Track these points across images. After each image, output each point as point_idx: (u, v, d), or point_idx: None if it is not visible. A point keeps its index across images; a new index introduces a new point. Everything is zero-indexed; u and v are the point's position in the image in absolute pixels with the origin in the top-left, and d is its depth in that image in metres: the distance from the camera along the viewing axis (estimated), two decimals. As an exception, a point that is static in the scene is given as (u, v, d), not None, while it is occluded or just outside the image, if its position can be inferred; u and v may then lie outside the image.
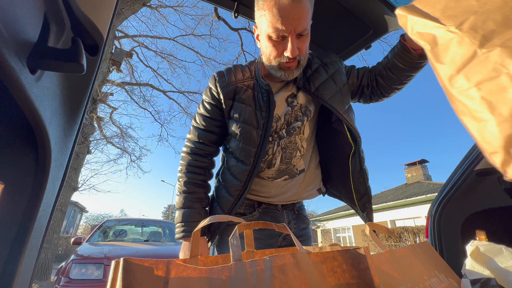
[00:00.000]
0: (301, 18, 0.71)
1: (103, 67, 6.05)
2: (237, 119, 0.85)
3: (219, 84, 0.87)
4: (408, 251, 0.52)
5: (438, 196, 1.22)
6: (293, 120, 0.89)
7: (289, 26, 0.71)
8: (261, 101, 0.85)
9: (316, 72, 0.90)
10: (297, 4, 0.69)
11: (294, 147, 0.89)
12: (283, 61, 0.77)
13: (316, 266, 0.34)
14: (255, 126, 0.83)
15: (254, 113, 0.84)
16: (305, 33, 0.75)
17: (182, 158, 0.94)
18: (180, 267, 0.32)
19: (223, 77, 0.88)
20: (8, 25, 0.23)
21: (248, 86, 0.87)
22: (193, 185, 0.89)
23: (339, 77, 0.92)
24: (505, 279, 0.46)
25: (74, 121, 0.45)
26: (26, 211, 0.35)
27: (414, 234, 10.50)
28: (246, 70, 0.91)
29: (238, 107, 0.86)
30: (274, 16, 0.71)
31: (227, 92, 0.87)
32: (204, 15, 10.22)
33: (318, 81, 0.88)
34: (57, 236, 5.82)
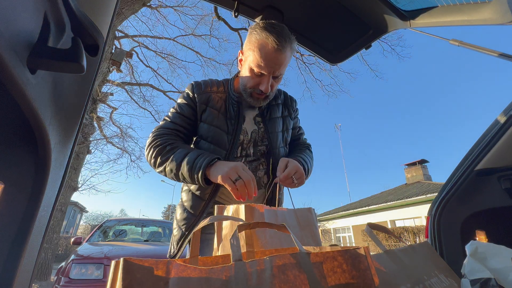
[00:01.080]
0: (280, 65, 0.85)
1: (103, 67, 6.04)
2: (210, 123, 0.93)
3: (196, 89, 0.97)
4: (408, 251, 0.52)
5: (438, 196, 1.22)
6: (259, 141, 0.98)
7: (269, 69, 0.85)
8: (232, 112, 0.95)
9: (276, 107, 1.05)
10: (280, 54, 0.82)
11: (258, 163, 0.98)
12: (255, 92, 0.90)
13: (316, 266, 0.34)
14: (226, 131, 0.92)
15: (225, 120, 0.94)
16: (280, 76, 0.90)
17: (150, 143, 0.89)
18: (180, 267, 0.32)
19: (200, 85, 0.99)
20: (8, 25, 0.23)
21: (221, 98, 0.98)
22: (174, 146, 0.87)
23: (288, 122, 1.08)
24: (505, 279, 0.46)
25: (74, 121, 0.45)
26: (26, 211, 0.35)
27: (414, 234, 10.50)
28: (220, 84, 1.01)
29: (210, 113, 0.94)
30: (260, 57, 0.83)
31: (202, 98, 0.96)
32: (204, 15, 10.21)
33: (274, 114, 1.03)
34: (57, 236, 5.81)
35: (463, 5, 0.90)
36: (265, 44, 0.82)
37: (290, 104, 1.11)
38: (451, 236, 1.12)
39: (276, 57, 0.83)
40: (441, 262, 0.55)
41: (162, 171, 0.86)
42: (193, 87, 0.99)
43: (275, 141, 0.99)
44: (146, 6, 6.93)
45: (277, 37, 0.81)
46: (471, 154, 1.15)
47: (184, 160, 0.81)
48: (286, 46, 0.83)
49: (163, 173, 0.86)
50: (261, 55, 0.83)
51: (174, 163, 0.82)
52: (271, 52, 0.82)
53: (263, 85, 0.87)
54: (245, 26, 8.44)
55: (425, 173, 16.26)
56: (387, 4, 1.02)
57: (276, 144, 0.99)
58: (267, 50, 0.82)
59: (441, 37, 1.06)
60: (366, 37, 1.18)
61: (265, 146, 0.98)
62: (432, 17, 0.99)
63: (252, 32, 0.87)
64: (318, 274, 0.34)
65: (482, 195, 1.13)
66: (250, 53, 0.87)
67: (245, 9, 1.17)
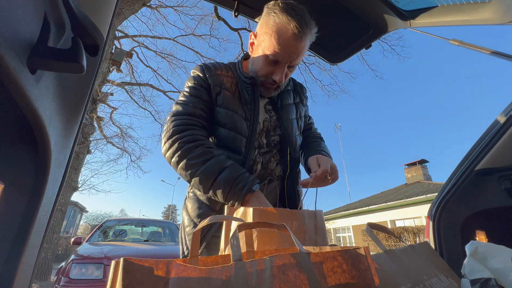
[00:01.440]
0: (298, 54, 0.76)
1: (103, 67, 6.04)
2: (227, 107, 0.83)
3: (207, 71, 0.87)
4: (408, 251, 0.52)
5: (438, 196, 1.22)
6: (272, 130, 0.90)
7: (287, 58, 0.76)
8: (246, 96, 0.86)
9: (287, 93, 0.97)
10: (299, 42, 0.74)
11: (271, 154, 0.90)
12: (267, 81, 0.82)
13: (316, 266, 0.34)
14: (244, 117, 0.84)
15: (241, 106, 0.85)
16: (295, 66, 0.81)
17: (173, 134, 0.75)
18: (180, 267, 0.32)
19: (210, 67, 0.88)
20: (8, 25, 0.23)
21: (232, 82, 0.88)
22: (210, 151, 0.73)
23: (300, 108, 1.00)
24: (505, 279, 0.46)
25: (74, 121, 0.45)
26: (26, 211, 0.35)
27: (414, 234, 10.50)
28: (228, 68, 0.92)
29: (226, 97, 0.84)
30: (277, 43, 0.74)
31: (215, 79, 0.86)
32: (204, 15, 10.22)
33: (285, 101, 0.95)
34: (57, 236, 5.82)
35: (463, 5, 0.89)
36: (285, 30, 0.72)
37: (300, 91, 1.03)
38: (451, 236, 1.12)
39: (295, 45, 0.74)
40: (441, 262, 0.55)
41: (185, 175, 0.72)
42: (203, 68, 0.88)
43: (290, 128, 0.91)
44: (146, 6, 6.93)
45: (299, 22, 0.71)
46: (471, 154, 1.15)
47: (219, 176, 0.69)
48: (307, 33, 0.74)
49: (186, 177, 0.73)
50: (278, 42, 0.74)
51: (207, 175, 0.70)
52: (291, 39, 0.73)
53: (277, 75, 0.79)
54: (245, 26, 8.44)
55: (425, 173, 16.26)
56: (387, 4, 1.02)
57: (292, 132, 0.91)
58: (286, 37, 0.73)
59: (441, 37, 1.06)
60: (366, 37, 1.18)
61: (278, 135, 0.90)
62: (432, 17, 0.99)
63: (270, 13, 0.76)
64: (318, 274, 0.34)
65: (482, 195, 1.13)
66: (265, 38, 0.77)
67: (245, 9, 1.17)
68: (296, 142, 0.93)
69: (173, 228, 5.00)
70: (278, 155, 0.91)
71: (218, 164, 0.71)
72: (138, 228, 5.15)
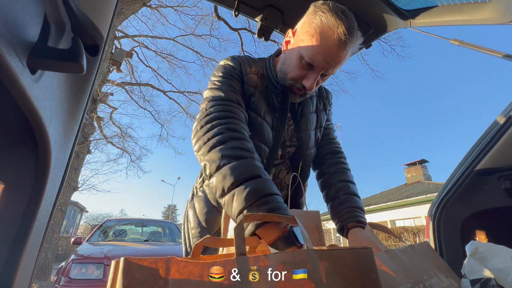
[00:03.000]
0: (338, 63, 0.69)
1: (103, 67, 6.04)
2: (258, 113, 0.76)
3: (243, 67, 0.78)
4: (408, 251, 0.52)
5: (438, 196, 1.22)
6: (288, 140, 0.85)
7: (324, 64, 0.68)
8: (275, 102, 0.79)
9: (310, 100, 0.89)
10: (342, 51, 0.66)
11: (283, 165, 0.86)
12: (296, 85, 0.74)
13: (322, 264, 0.34)
14: (271, 126, 0.78)
15: (270, 112, 0.79)
16: (329, 75, 0.74)
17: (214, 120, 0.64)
18: (181, 263, 0.32)
19: (246, 63, 0.80)
20: (8, 25, 0.23)
21: (263, 84, 0.80)
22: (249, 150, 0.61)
23: (322, 117, 0.93)
24: (505, 279, 0.46)
25: (74, 121, 0.45)
26: (26, 211, 0.35)
27: (414, 234, 10.50)
28: (259, 66, 0.82)
29: (258, 100, 0.77)
30: (318, 47, 0.66)
31: (251, 79, 0.78)
32: (204, 15, 10.21)
33: (306, 109, 0.87)
34: (57, 236, 5.82)
35: (464, 5, 0.89)
36: (330, 33, 0.65)
37: (326, 96, 0.95)
38: (451, 236, 1.12)
39: (337, 53, 0.66)
40: (441, 262, 0.55)
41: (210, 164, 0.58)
42: (239, 63, 0.78)
43: (307, 141, 0.85)
44: (146, 6, 6.93)
45: (348, 29, 0.64)
46: (471, 154, 1.15)
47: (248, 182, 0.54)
48: (353, 42, 0.67)
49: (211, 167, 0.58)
50: (320, 44, 0.66)
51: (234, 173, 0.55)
52: (335, 44, 0.65)
53: (309, 81, 0.71)
54: (245, 26, 8.43)
55: (425, 173, 16.26)
56: (387, 3, 1.02)
57: (307, 145, 0.85)
58: (330, 41, 0.65)
59: (441, 37, 1.06)
60: (367, 36, 1.18)
61: (294, 147, 0.85)
62: (433, 17, 0.99)
63: (317, 11, 0.68)
64: (323, 272, 0.34)
65: (482, 195, 1.13)
66: (305, 37, 0.69)
67: (246, 8, 1.17)
68: (310, 155, 0.88)
69: (173, 228, 5.00)
70: (289, 164, 0.87)
71: (253, 168, 0.57)
72: (138, 228, 5.15)
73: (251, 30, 8.23)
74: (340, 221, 0.76)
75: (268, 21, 1.17)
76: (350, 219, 0.73)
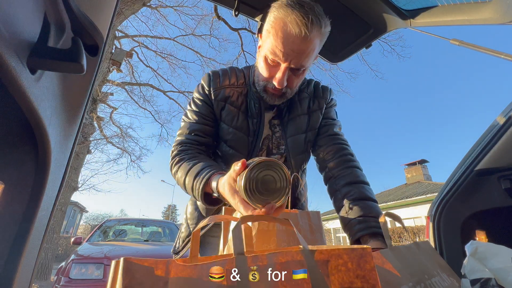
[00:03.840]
0: (302, 54, 0.66)
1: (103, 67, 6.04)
2: (229, 124, 0.81)
3: (213, 84, 0.83)
4: (412, 249, 0.52)
5: (438, 196, 1.22)
6: (274, 148, 0.85)
7: (286, 57, 0.66)
8: (253, 108, 0.82)
9: (299, 103, 0.86)
10: (303, 39, 0.63)
11: None
12: (269, 86, 0.74)
13: (320, 264, 0.34)
14: (246, 133, 0.81)
15: (246, 119, 0.81)
16: (302, 70, 0.71)
17: (173, 161, 0.77)
18: (180, 267, 0.32)
19: (218, 78, 0.84)
20: (8, 25, 0.23)
21: (241, 93, 0.83)
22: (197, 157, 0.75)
23: (315, 117, 0.87)
24: (505, 279, 0.46)
25: (74, 121, 0.45)
26: (26, 211, 0.35)
27: (414, 234, 10.50)
28: (241, 75, 0.86)
29: (229, 112, 0.82)
30: (277, 40, 0.65)
31: (220, 94, 0.82)
32: (204, 15, 10.22)
33: (294, 113, 0.85)
34: (57, 236, 5.82)
35: (464, 5, 0.89)
36: (283, 24, 0.63)
37: (321, 96, 0.90)
38: (451, 236, 1.12)
39: (298, 43, 0.64)
40: (442, 261, 0.55)
41: (181, 187, 0.74)
42: (210, 80, 0.84)
43: (295, 146, 0.84)
44: (146, 6, 6.93)
45: (301, 16, 0.62)
46: (471, 154, 1.15)
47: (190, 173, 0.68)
48: (312, 29, 0.63)
49: (182, 188, 0.73)
50: (277, 38, 0.65)
51: (185, 177, 0.69)
52: (292, 35, 0.63)
53: (277, 78, 0.69)
54: (245, 26, 8.43)
55: (425, 173, 16.26)
56: (387, 3, 1.02)
57: (296, 150, 0.84)
58: (287, 33, 0.63)
59: (441, 37, 1.06)
60: (367, 36, 1.18)
61: (281, 154, 0.85)
62: (433, 17, 0.99)
63: (272, 9, 0.69)
64: (322, 272, 0.33)
65: (482, 195, 1.13)
66: (265, 37, 0.70)
67: (246, 8, 1.17)
68: (300, 161, 0.86)
69: (173, 228, 5.00)
70: None
71: (194, 165, 0.69)
72: (138, 228, 5.15)
73: (251, 30, 8.24)
74: (352, 234, 0.67)
75: (268, 21, 1.17)
76: (362, 231, 0.65)
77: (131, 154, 10.58)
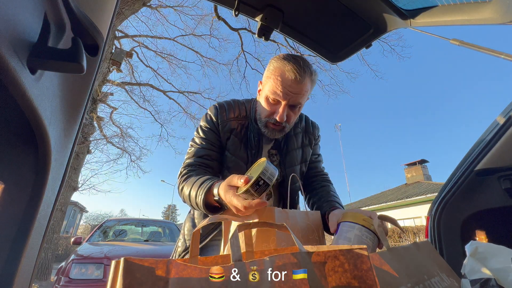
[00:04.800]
0: (298, 94, 0.82)
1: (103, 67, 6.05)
2: (232, 153, 0.92)
3: (220, 117, 0.94)
4: (411, 249, 0.52)
5: (438, 196, 1.22)
6: None
7: (285, 96, 0.82)
8: (252, 141, 0.93)
9: (295, 138, 1.00)
10: (298, 83, 0.80)
11: None
12: (270, 121, 0.86)
13: (317, 266, 0.34)
14: (245, 162, 0.91)
15: (245, 150, 0.92)
16: (298, 107, 0.86)
17: (180, 179, 0.86)
18: (180, 266, 0.32)
19: (224, 112, 0.95)
20: (8, 25, 0.23)
21: (243, 125, 0.95)
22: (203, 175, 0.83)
23: (307, 152, 1.03)
24: (505, 279, 0.46)
25: (74, 121, 0.45)
26: (26, 211, 0.35)
27: (414, 234, 10.50)
28: (242, 108, 0.98)
29: (233, 142, 0.92)
30: (277, 84, 0.82)
31: (226, 126, 0.93)
32: (204, 15, 10.20)
33: (291, 147, 0.98)
34: (57, 236, 5.82)
35: (464, 5, 0.89)
36: (282, 72, 0.81)
37: (311, 132, 1.06)
38: (451, 236, 1.12)
39: (293, 86, 0.81)
40: (442, 262, 0.55)
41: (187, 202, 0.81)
42: (217, 112, 0.95)
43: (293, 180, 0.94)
44: (146, 6, 6.93)
45: (296, 66, 0.80)
46: (471, 154, 1.15)
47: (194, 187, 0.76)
48: (304, 76, 0.81)
49: (188, 203, 0.81)
50: (277, 81, 0.82)
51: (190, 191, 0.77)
52: (289, 80, 0.80)
53: (278, 113, 0.84)
54: (245, 26, 8.43)
55: (425, 173, 16.26)
56: (387, 3, 1.02)
57: (292, 180, 0.93)
58: (284, 78, 0.81)
59: (441, 37, 1.06)
60: (367, 36, 1.18)
61: (277, 181, 0.94)
62: (433, 17, 0.99)
63: (271, 61, 0.87)
64: (318, 274, 0.34)
65: (482, 195, 1.13)
66: (266, 82, 0.86)
67: (246, 8, 1.17)
68: (296, 189, 0.98)
69: (173, 228, 5.00)
70: (277, 194, 0.96)
71: (199, 179, 0.77)
72: (138, 228, 5.15)
73: (251, 30, 8.23)
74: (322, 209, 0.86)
75: (268, 21, 1.17)
76: (327, 207, 0.85)
77: (131, 154, 10.56)
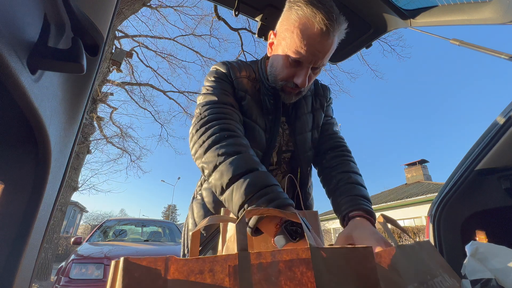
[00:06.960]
0: (325, 53, 0.66)
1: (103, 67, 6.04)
2: (249, 117, 0.75)
3: (233, 72, 0.77)
4: (416, 248, 0.52)
5: (438, 196, 1.22)
6: (284, 145, 0.82)
7: (311, 58, 0.65)
8: (268, 104, 0.78)
9: (304, 101, 0.85)
10: (327, 39, 0.63)
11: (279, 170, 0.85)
12: (288, 85, 0.72)
13: (324, 263, 0.34)
14: (264, 129, 0.77)
15: (262, 115, 0.77)
16: (320, 68, 0.71)
17: (208, 122, 0.64)
18: (180, 262, 0.32)
19: (235, 68, 0.79)
20: (8, 25, 0.23)
21: (255, 87, 0.79)
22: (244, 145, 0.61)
23: (319, 116, 0.88)
24: (506, 279, 0.46)
25: (74, 121, 0.45)
26: (26, 211, 0.34)
27: (414, 234, 10.50)
28: (250, 70, 0.82)
29: (250, 104, 0.76)
30: (301, 41, 0.64)
31: (240, 84, 0.77)
32: (204, 15, 10.21)
33: (300, 111, 0.84)
34: (57, 236, 5.81)
35: (464, 5, 0.89)
36: (310, 24, 0.62)
37: (322, 94, 0.91)
38: (451, 236, 1.12)
39: (322, 42, 0.63)
40: (443, 261, 0.55)
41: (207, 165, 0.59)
42: (228, 67, 0.78)
43: (303, 144, 0.82)
44: (146, 6, 6.93)
45: (327, 15, 0.61)
46: (471, 154, 1.15)
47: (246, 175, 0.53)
48: (335, 28, 0.63)
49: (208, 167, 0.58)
50: (302, 38, 0.63)
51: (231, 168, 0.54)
52: (317, 35, 0.62)
53: (300, 78, 0.68)
54: (245, 26, 8.43)
55: (425, 173, 16.25)
56: (387, 3, 1.02)
57: (303, 148, 0.82)
58: (311, 32, 0.62)
59: (441, 37, 1.06)
60: (367, 36, 1.18)
61: (290, 152, 0.82)
62: (433, 17, 0.99)
63: (292, 6, 0.66)
64: (325, 272, 0.33)
65: (482, 195, 1.13)
66: (286, 35, 0.67)
67: (246, 8, 1.17)
68: (308, 158, 0.84)
69: (173, 228, 5.00)
70: (286, 168, 0.84)
71: (249, 161, 0.56)
72: (138, 228, 5.15)
73: (251, 30, 8.24)
74: (340, 212, 0.68)
75: (268, 21, 1.17)
76: (352, 207, 0.65)
77: (131, 154, 10.57)
